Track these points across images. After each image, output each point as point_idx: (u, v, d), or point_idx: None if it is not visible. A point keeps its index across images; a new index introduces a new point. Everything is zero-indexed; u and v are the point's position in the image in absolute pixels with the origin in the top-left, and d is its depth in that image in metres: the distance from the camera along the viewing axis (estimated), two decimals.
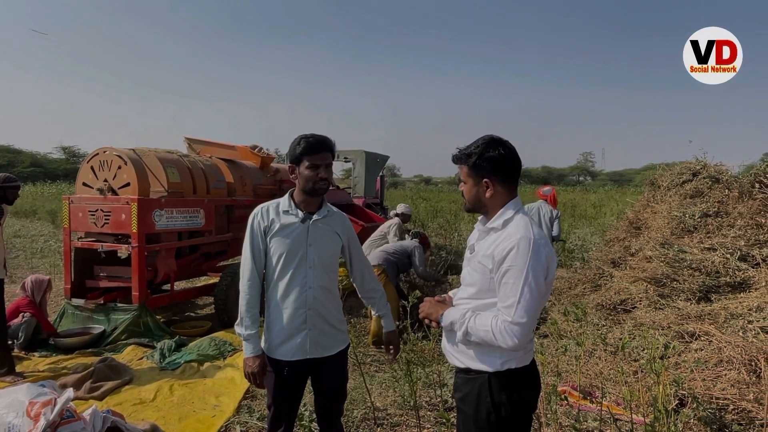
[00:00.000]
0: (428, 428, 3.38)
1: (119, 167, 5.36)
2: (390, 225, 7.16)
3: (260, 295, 2.27)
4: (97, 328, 5.23)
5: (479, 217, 1.94)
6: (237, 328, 2.25)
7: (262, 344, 2.28)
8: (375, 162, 11.31)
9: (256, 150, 7.14)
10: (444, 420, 2.96)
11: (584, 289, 6.04)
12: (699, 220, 5.61)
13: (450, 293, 2.04)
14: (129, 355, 4.80)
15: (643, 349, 3.99)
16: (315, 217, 2.24)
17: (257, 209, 2.29)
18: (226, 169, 6.58)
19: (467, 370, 1.81)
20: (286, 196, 2.30)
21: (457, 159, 1.85)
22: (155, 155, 5.67)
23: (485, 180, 1.79)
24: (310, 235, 2.22)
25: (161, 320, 5.75)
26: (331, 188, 7.04)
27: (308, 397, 2.95)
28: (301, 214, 2.23)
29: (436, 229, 13.67)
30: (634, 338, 4.34)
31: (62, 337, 5.08)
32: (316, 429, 3.10)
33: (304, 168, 2.18)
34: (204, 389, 4.09)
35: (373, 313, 2.52)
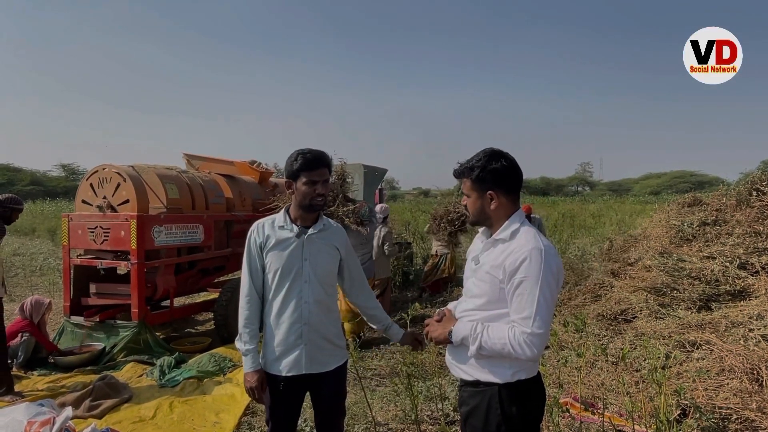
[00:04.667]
0: None
1: (118, 184, 5.38)
2: (378, 237, 6.94)
3: (259, 311, 2.28)
4: (97, 346, 5.21)
5: (480, 230, 1.95)
6: (237, 343, 2.27)
7: (260, 359, 2.28)
8: (374, 175, 11.30)
9: (255, 165, 7.18)
10: None
11: (584, 299, 6.02)
12: (697, 228, 5.62)
13: (449, 306, 2.04)
14: (128, 373, 4.77)
15: (645, 359, 3.98)
16: (310, 231, 2.25)
17: (254, 226, 2.30)
18: (225, 184, 6.60)
19: (475, 383, 1.81)
20: (282, 211, 2.31)
21: (460, 173, 1.87)
22: (154, 172, 5.69)
23: (489, 192, 1.80)
24: (306, 249, 2.22)
25: (161, 337, 5.72)
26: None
27: (309, 412, 2.93)
28: (296, 228, 2.24)
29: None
30: (635, 348, 4.33)
31: (64, 354, 5.05)
32: None
33: (302, 184, 2.18)
34: (204, 406, 4.06)
35: (375, 327, 2.48)
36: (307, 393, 2.34)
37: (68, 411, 2.77)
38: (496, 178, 1.79)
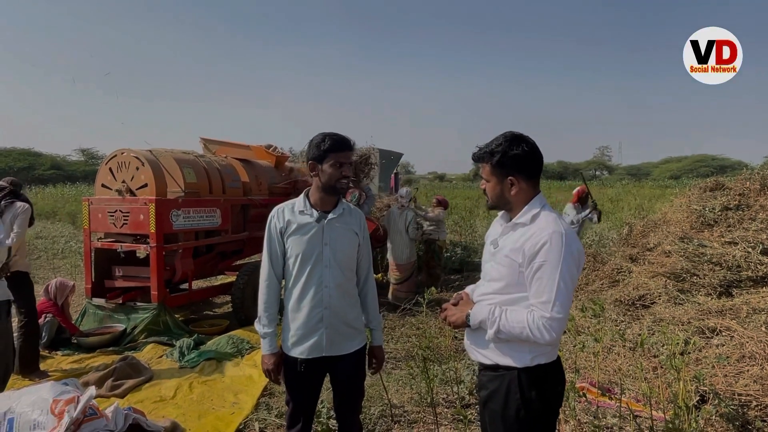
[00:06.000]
0: (446, 425, 3.39)
1: (137, 168, 5.44)
2: (407, 221, 6.92)
3: (278, 295, 2.31)
4: (118, 327, 5.33)
5: (499, 213, 1.93)
6: (256, 326, 2.32)
7: (280, 342, 2.32)
8: (389, 159, 11.30)
9: (271, 149, 7.18)
10: (461, 417, 2.97)
11: (602, 284, 5.97)
12: (719, 213, 5.51)
13: (467, 289, 2.03)
14: (149, 354, 4.87)
15: (663, 345, 3.95)
16: (330, 216, 2.25)
17: (274, 211, 2.31)
18: (242, 168, 6.63)
19: (495, 367, 1.81)
20: (302, 195, 2.32)
21: (479, 158, 1.85)
22: (172, 156, 5.73)
23: (510, 178, 1.78)
24: (326, 234, 2.23)
25: (180, 319, 5.83)
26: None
27: (325, 394, 2.97)
28: (316, 213, 2.24)
29: (451, 225, 13.59)
30: (653, 334, 4.29)
31: (85, 335, 5.18)
32: (333, 425, 3.12)
33: (328, 166, 2.19)
34: (223, 387, 4.14)
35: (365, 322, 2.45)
36: (326, 375, 2.37)
37: (92, 390, 2.83)
38: (516, 164, 1.77)
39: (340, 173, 2.19)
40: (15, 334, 4.35)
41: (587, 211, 7.33)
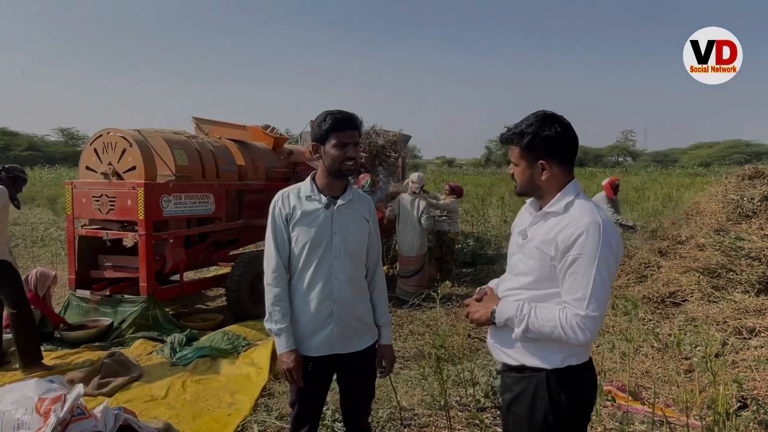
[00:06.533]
0: (459, 430, 3.39)
1: (124, 150, 5.41)
2: (420, 210, 6.83)
3: (288, 287, 2.26)
4: (104, 321, 5.34)
5: (527, 201, 1.91)
6: (266, 324, 2.25)
7: None
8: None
9: (269, 130, 7.14)
10: (477, 421, 2.97)
11: (628, 280, 5.96)
12: (758, 204, 5.48)
13: (491, 284, 2.01)
14: (137, 350, 4.87)
15: (695, 346, 3.94)
16: (339, 201, 2.22)
17: (278, 195, 2.28)
18: (237, 151, 6.58)
19: (521, 368, 1.79)
20: (308, 179, 2.29)
21: (508, 139, 1.81)
22: (162, 136, 5.70)
23: (541, 162, 1.75)
24: (335, 221, 2.21)
25: (170, 313, 5.82)
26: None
27: (329, 396, 2.97)
28: (324, 199, 2.22)
29: (463, 215, 13.54)
30: (684, 334, 4.28)
31: (71, 328, 5.20)
32: (339, 429, 3.12)
33: (331, 146, 2.15)
34: (218, 386, 4.14)
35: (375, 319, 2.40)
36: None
37: (80, 388, 2.82)
38: (549, 146, 1.74)
39: (344, 154, 2.14)
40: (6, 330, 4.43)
41: (628, 222, 7.28)
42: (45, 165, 35.93)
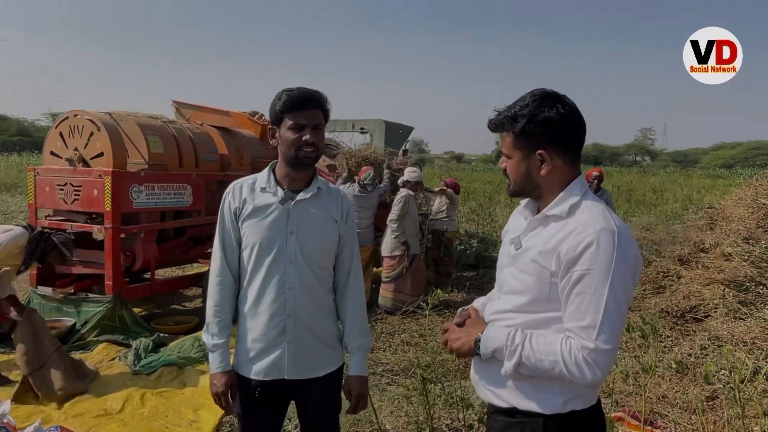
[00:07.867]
0: None
1: (91, 134, 5.18)
2: (395, 201, 6.49)
3: (234, 297, 2.05)
4: (66, 322, 5.10)
5: (522, 202, 1.60)
6: (203, 336, 2.05)
7: (231, 358, 2.05)
8: (397, 134, 11.02)
9: (256, 117, 6.91)
10: None
11: (644, 290, 5.73)
12: None
13: (476, 303, 1.71)
14: (99, 355, 4.67)
15: (720, 370, 3.67)
16: (300, 196, 1.94)
17: (230, 186, 2.04)
18: (220, 138, 6.40)
19: (511, 411, 1.50)
20: (266, 169, 2.02)
21: (498, 125, 1.53)
22: (135, 120, 5.48)
23: (540, 152, 1.46)
24: (292, 220, 1.92)
25: (141, 314, 5.63)
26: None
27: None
28: (280, 192, 1.93)
29: (468, 213, 13.38)
30: (706, 355, 4.02)
31: None
32: None
33: (285, 129, 1.88)
34: (181, 400, 3.93)
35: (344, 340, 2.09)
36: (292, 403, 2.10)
37: (6, 405, 2.61)
38: (549, 131, 1.44)
39: (299, 138, 1.86)
40: None
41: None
42: (35, 151, 35.93)
